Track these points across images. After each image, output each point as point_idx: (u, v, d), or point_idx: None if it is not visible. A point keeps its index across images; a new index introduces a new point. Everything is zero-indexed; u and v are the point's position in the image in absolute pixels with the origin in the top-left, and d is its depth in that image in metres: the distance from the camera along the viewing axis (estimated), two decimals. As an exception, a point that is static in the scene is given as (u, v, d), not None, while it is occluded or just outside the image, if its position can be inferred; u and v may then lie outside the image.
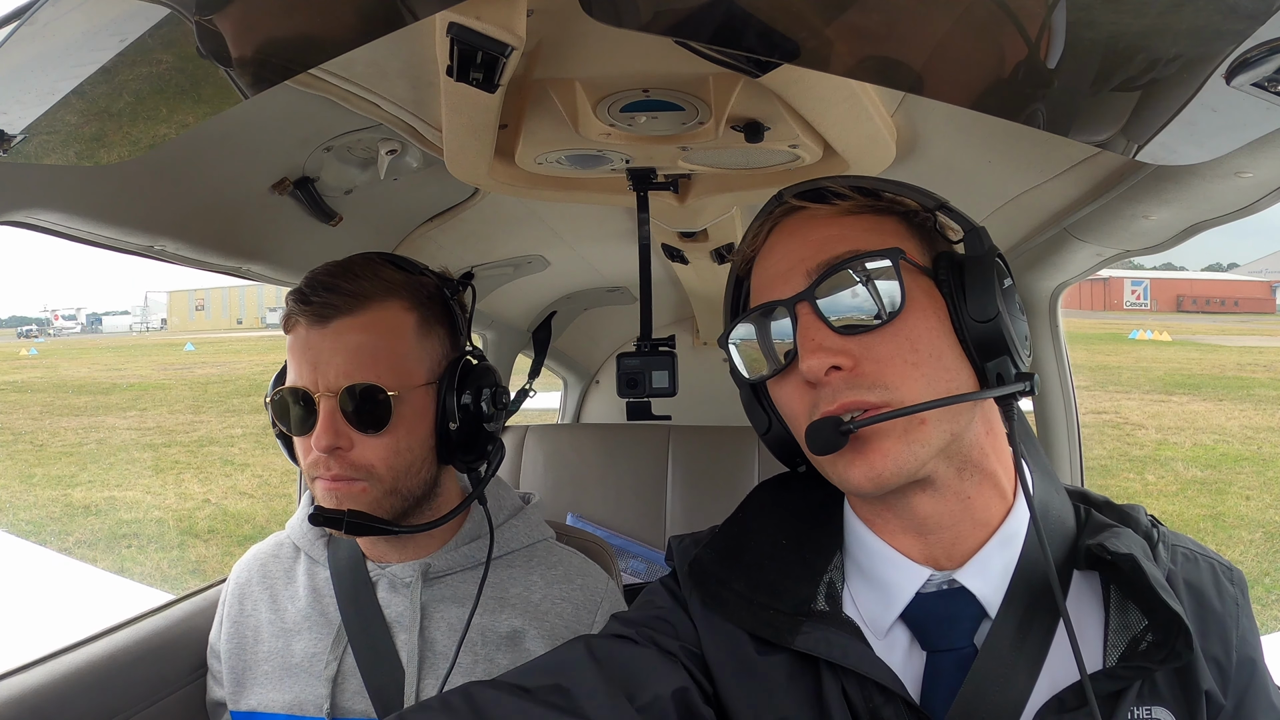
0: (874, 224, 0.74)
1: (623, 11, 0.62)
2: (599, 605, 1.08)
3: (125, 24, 0.63)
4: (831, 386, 0.69)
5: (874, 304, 0.69)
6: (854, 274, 0.70)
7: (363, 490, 0.96)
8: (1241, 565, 0.82)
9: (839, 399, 0.69)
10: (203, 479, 9.87)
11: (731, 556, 0.79)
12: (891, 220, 0.75)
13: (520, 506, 1.17)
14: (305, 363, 0.95)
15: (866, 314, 0.69)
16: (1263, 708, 0.72)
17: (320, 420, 0.93)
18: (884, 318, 0.69)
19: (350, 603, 1.06)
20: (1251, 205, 1.07)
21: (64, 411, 14.84)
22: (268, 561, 1.15)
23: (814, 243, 0.73)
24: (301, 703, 1.04)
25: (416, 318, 1.00)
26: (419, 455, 0.99)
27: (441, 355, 1.03)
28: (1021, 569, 0.72)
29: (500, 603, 1.06)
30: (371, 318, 0.96)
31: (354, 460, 0.95)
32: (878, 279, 0.70)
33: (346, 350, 0.95)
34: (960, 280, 0.71)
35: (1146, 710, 0.69)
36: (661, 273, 2.22)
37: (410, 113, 1.08)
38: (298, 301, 0.96)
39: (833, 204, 0.75)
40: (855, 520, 0.78)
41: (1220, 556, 0.80)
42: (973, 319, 0.70)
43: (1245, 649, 0.74)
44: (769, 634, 0.73)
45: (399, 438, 0.96)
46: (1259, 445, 10.51)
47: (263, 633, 1.09)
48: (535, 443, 2.64)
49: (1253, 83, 0.59)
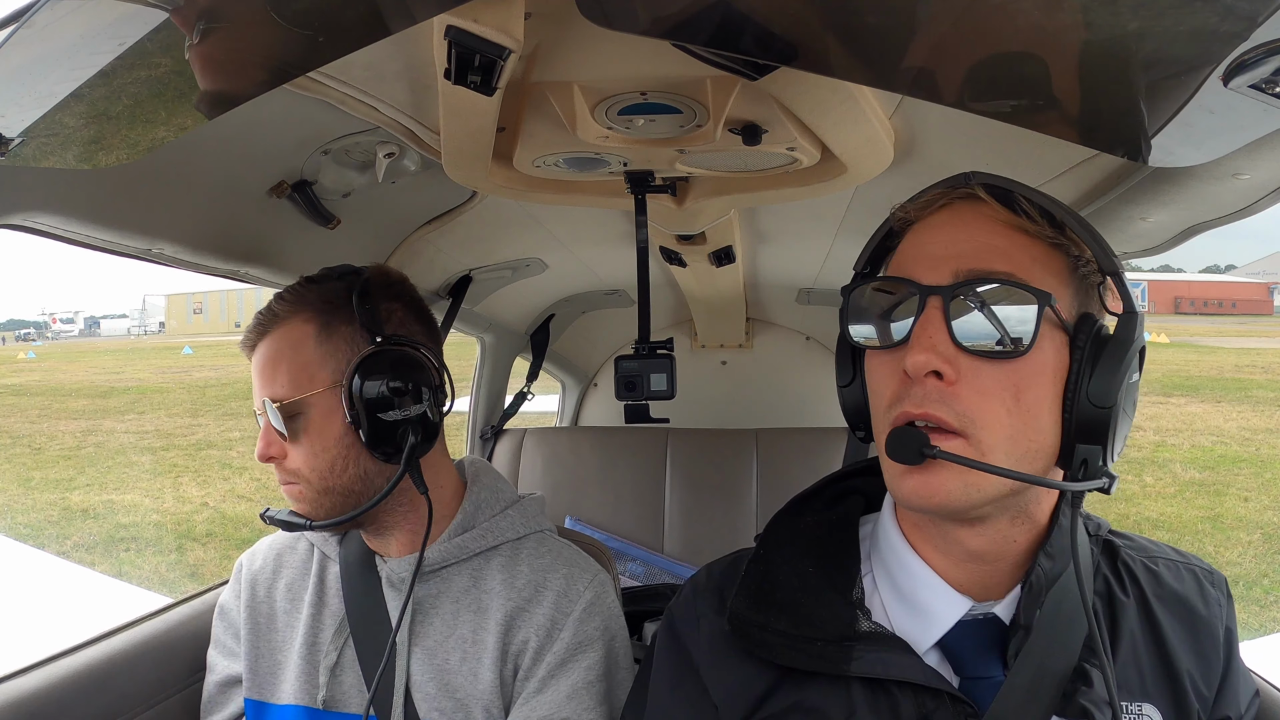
0: (1043, 254, 0.70)
1: (620, 15, 0.62)
2: (582, 595, 1.07)
3: (123, 27, 0.63)
4: (923, 388, 0.67)
5: (1002, 334, 0.67)
6: (999, 296, 0.67)
7: (299, 493, 1.04)
8: (1240, 566, 0.85)
9: (925, 406, 0.67)
10: (201, 482, 9.85)
11: (765, 597, 0.77)
12: (1060, 258, 0.71)
13: (517, 499, 1.17)
14: (253, 386, 1.07)
15: (990, 340, 0.67)
16: (1241, 674, 0.79)
17: (260, 433, 1.04)
18: (1004, 352, 0.67)
19: (355, 597, 1.09)
20: (1249, 207, 1.07)
21: (62, 415, 14.83)
22: (283, 553, 1.18)
23: (977, 245, 0.70)
24: (299, 691, 1.07)
25: (316, 325, 1.05)
26: (336, 454, 1.03)
27: (349, 353, 1.04)
28: (1053, 598, 0.73)
29: (488, 595, 1.07)
30: (278, 335, 1.05)
31: (287, 466, 1.04)
32: (1018, 311, 0.66)
33: (259, 369, 1.05)
34: (1096, 355, 0.68)
35: (1137, 707, 0.72)
36: (659, 276, 2.22)
37: (408, 116, 1.08)
38: (243, 337, 1.09)
39: (1015, 214, 0.70)
40: (897, 536, 0.78)
41: (1202, 561, 0.83)
42: (1089, 399, 0.67)
43: (1229, 640, 0.79)
44: (822, 666, 0.72)
45: (313, 440, 1.02)
46: (1257, 447, 10.53)
47: (277, 621, 1.12)
48: (533, 446, 2.64)
49: (1250, 85, 0.59)
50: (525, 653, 1.04)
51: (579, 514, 2.54)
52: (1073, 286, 0.71)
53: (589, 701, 1.02)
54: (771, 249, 2.00)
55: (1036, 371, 0.67)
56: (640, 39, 0.79)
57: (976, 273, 0.68)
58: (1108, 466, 0.68)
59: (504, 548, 1.11)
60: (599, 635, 1.06)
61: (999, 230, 0.70)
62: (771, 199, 1.35)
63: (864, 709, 0.71)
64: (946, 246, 0.71)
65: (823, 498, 0.87)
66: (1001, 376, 0.67)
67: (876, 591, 0.78)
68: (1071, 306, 0.70)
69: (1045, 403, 0.68)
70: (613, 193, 1.33)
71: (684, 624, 0.82)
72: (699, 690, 0.78)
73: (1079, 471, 0.67)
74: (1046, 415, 0.68)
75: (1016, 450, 0.67)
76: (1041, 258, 0.70)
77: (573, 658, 1.03)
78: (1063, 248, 0.71)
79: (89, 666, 1.11)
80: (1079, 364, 0.68)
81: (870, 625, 0.74)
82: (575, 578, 1.09)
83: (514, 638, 1.04)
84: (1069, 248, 0.71)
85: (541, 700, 1.01)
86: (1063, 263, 0.71)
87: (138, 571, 7.01)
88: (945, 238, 0.71)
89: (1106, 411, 0.66)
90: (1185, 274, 78.34)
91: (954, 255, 0.69)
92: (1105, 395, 0.66)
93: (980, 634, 0.73)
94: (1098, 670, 0.70)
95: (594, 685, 1.03)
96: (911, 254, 0.73)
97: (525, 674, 1.04)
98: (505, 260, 1.96)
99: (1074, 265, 0.71)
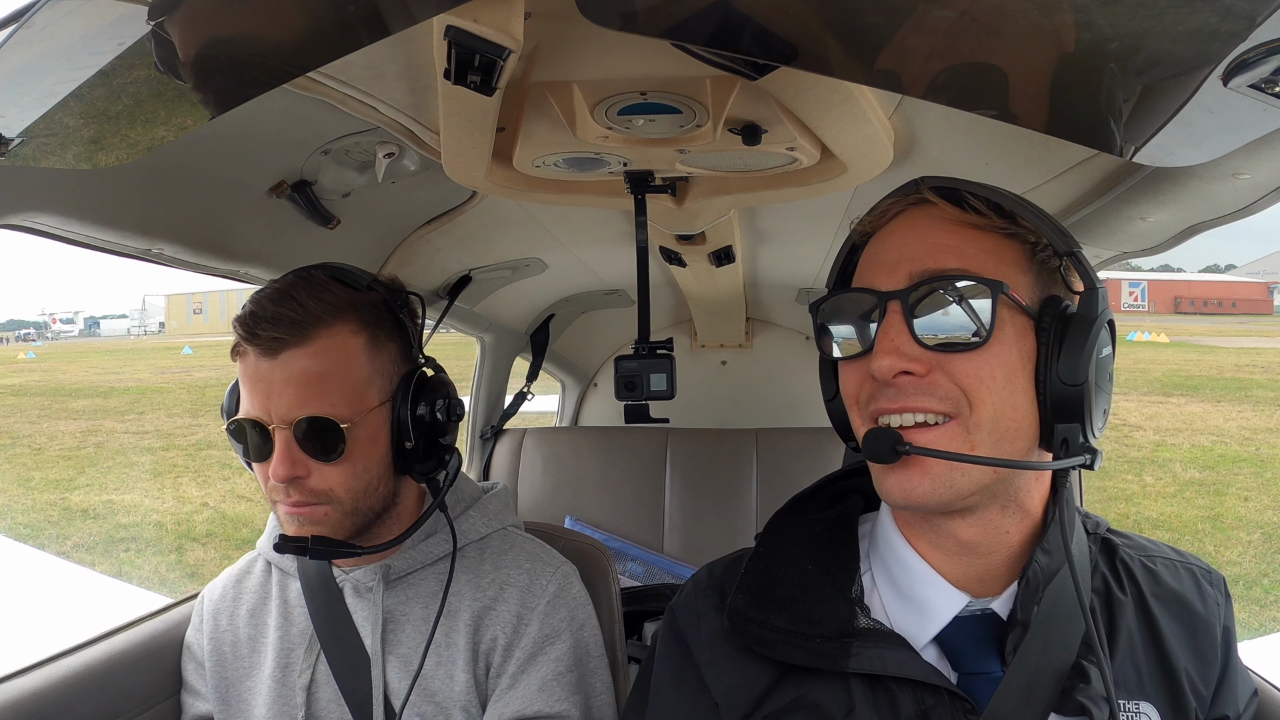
0: (996, 245, 0.72)
1: (619, 14, 0.62)
2: (545, 588, 1.08)
3: (123, 27, 0.63)
4: (897, 388, 0.69)
5: (962, 325, 0.69)
6: (952, 292, 0.69)
7: (325, 514, 0.97)
8: (1240, 566, 0.85)
9: (903, 401, 0.69)
10: (201, 482, 9.84)
11: (765, 594, 0.78)
12: (1015, 247, 0.72)
13: (477, 498, 1.16)
14: (258, 394, 0.95)
15: (951, 333, 0.69)
16: (1239, 673, 0.79)
17: (277, 452, 0.94)
18: (968, 344, 0.68)
19: (321, 611, 1.07)
20: (1249, 206, 1.07)
21: (62, 415, 14.82)
22: (241, 578, 1.16)
23: (929, 246, 0.72)
24: (276, 714, 1.05)
25: (366, 339, 0.99)
26: (376, 474, 1.00)
27: (394, 371, 1.02)
28: (1050, 595, 0.73)
29: (455, 596, 1.06)
30: (321, 346, 0.95)
31: (313, 487, 0.96)
32: (974, 302, 0.68)
33: (297, 382, 0.94)
34: (1062, 334, 0.69)
35: (1135, 705, 0.73)
36: (659, 275, 2.22)
37: (408, 116, 1.08)
38: (245, 332, 0.95)
39: (964, 211, 0.72)
40: (894, 533, 0.78)
41: (1200, 560, 0.84)
42: (1060, 378, 0.68)
43: (1227, 639, 0.79)
44: (822, 663, 0.73)
45: (355, 462, 0.97)
46: (1257, 446, 10.52)
47: (241, 649, 1.10)
48: (533, 446, 2.64)
49: (1250, 84, 0.59)
50: (495, 650, 1.04)
51: (579, 514, 2.54)
52: (1032, 273, 0.72)
53: (560, 693, 1.02)
54: (771, 249, 2.00)
55: (1003, 357, 0.69)
56: (640, 39, 0.79)
57: (930, 272, 0.70)
58: (1089, 442, 0.69)
59: (469, 549, 1.11)
60: (566, 626, 1.06)
61: (950, 229, 0.72)
62: (771, 199, 1.35)
63: (864, 705, 0.71)
64: (900, 251, 0.73)
65: (822, 497, 0.88)
66: (971, 367, 0.68)
67: (875, 589, 0.79)
68: (1033, 291, 0.71)
69: (1017, 384, 0.69)
70: (612, 193, 1.33)
71: (685, 622, 0.82)
72: (700, 687, 0.78)
73: (1060, 450, 0.69)
74: (1021, 397, 0.69)
75: (999, 428, 0.68)
76: (994, 249, 0.72)
77: (541, 651, 1.04)
78: (1017, 236, 0.72)
79: (89, 666, 1.11)
80: (1045, 345, 0.69)
81: (869, 622, 0.74)
82: (538, 572, 1.09)
83: (483, 636, 1.05)
84: (1024, 235, 0.72)
85: (514, 695, 1.02)
86: (1018, 250, 0.72)
87: (138, 572, 7.00)
88: (898, 243, 0.74)
89: (1079, 388, 0.68)
90: (1185, 273, 78.36)
91: (908, 259, 0.72)
92: (1075, 373, 0.68)
93: (978, 630, 0.74)
94: (1096, 668, 0.71)
95: (564, 676, 1.03)
96: (870, 263, 0.76)
97: (497, 671, 1.04)
98: (505, 260, 1.96)
99: (1030, 251, 0.73)
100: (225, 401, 1.05)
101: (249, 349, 0.96)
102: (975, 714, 0.70)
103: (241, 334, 0.95)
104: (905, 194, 0.76)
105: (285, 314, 0.94)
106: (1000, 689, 0.70)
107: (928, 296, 0.69)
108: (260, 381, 0.95)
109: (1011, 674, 0.70)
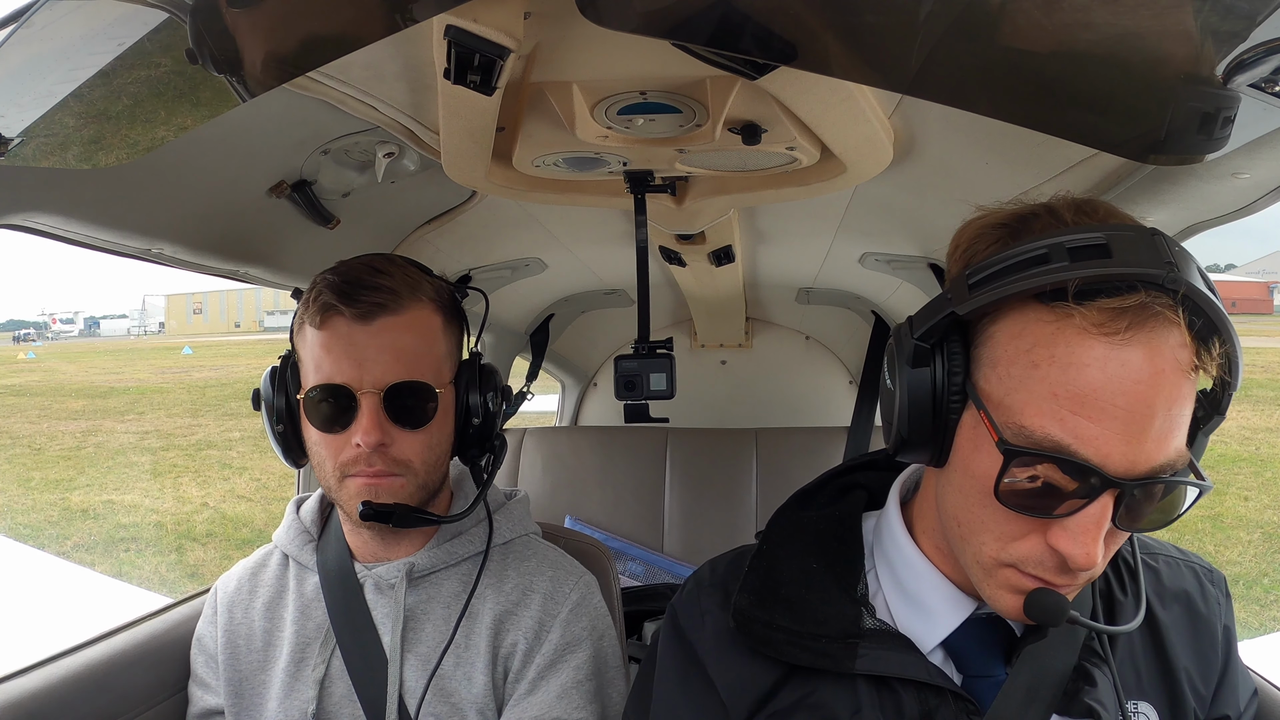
0: (1194, 382, 0.60)
1: (619, 14, 0.62)
2: (568, 596, 1.08)
3: (123, 27, 0.63)
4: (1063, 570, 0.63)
5: (1161, 522, 0.63)
6: (1167, 489, 0.60)
7: (401, 485, 1.00)
8: (1240, 566, 0.86)
9: (1070, 577, 0.64)
10: (201, 482, 9.85)
11: (769, 594, 0.77)
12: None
13: (502, 503, 1.18)
14: (347, 359, 0.97)
15: (1146, 525, 0.63)
16: (1239, 673, 0.80)
17: (365, 417, 0.96)
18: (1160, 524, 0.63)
19: (339, 606, 1.07)
20: (1249, 206, 1.07)
21: (62, 415, 14.82)
22: (257, 571, 1.16)
23: (1173, 419, 0.57)
24: (288, 708, 1.05)
25: (442, 319, 1.05)
26: (444, 450, 1.05)
27: (457, 357, 1.09)
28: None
29: (477, 599, 1.07)
30: (412, 317, 1.00)
31: (394, 456, 0.99)
32: (1182, 495, 0.61)
33: (393, 349, 0.98)
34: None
35: (1134, 705, 0.73)
36: (659, 275, 2.22)
37: (408, 115, 1.08)
38: (340, 297, 0.97)
39: (1192, 336, 0.57)
40: (901, 534, 0.78)
41: (1201, 559, 0.84)
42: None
43: (1228, 638, 0.80)
44: (826, 664, 0.72)
45: (433, 434, 1.02)
46: (1257, 446, 10.52)
47: (256, 642, 1.10)
48: (533, 445, 2.64)
49: (1250, 83, 0.59)
50: (515, 655, 1.04)
51: (579, 514, 2.54)
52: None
53: (579, 700, 1.02)
54: (771, 248, 2.00)
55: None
56: (640, 38, 0.79)
57: (1163, 468, 0.58)
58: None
59: (493, 552, 1.11)
60: (586, 635, 1.06)
61: (1183, 379, 0.57)
62: (771, 198, 1.35)
63: (869, 706, 0.71)
64: (1130, 399, 0.56)
65: (826, 493, 0.87)
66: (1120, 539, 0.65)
67: (880, 588, 0.78)
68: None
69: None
70: (612, 192, 1.33)
71: (688, 619, 0.82)
72: (706, 685, 0.78)
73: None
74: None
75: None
76: (1193, 385, 0.60)
77: (561, 658, 1.04)
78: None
79: (89, 666, 1.11)
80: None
81: (874, 623, 0.74)
82: (561, 580, 1.09)
83: (503, 640, 1.05)
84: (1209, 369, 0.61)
85: (532, 701, 1.02)
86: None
87: (138, 572, 7.01)
88: (1123, 385, 0.55)
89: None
90: (1185, 273, 78.19)
91: (1144, 417, 0.56)
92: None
93: (983, 633, 0.74)
94: (1099, 670, 0.71)
95: (583, 684, 1.03)
96: (1074, 399, 0.57)
97: (515, 676, 1.04)
98: (505, 260, 1.96)
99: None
100: (263, 384, 1.05)
101: (342, 314, 0.97)
102: (978, 715, 0.70)
103: (335, 299, 0.97)
104: (1151, 282, 0.54)
105: (383, 283, 0.99)
106: (1003, 691, 0.70)
107: (1148, 495, 0.59)
108: (353, 347, 0.97)
109: (1015, 676, 0.70)
